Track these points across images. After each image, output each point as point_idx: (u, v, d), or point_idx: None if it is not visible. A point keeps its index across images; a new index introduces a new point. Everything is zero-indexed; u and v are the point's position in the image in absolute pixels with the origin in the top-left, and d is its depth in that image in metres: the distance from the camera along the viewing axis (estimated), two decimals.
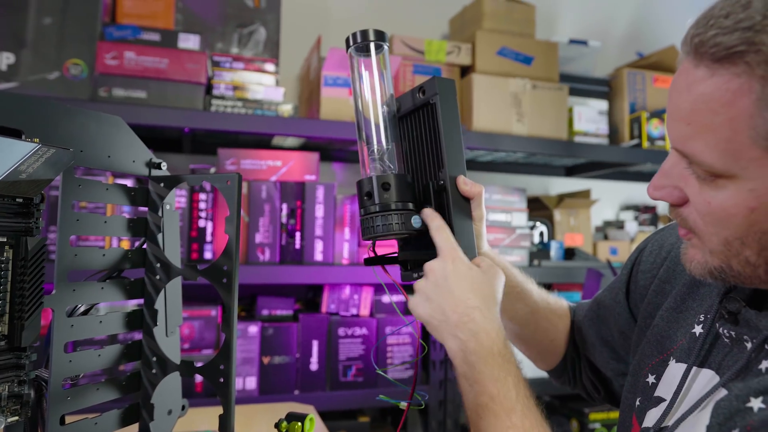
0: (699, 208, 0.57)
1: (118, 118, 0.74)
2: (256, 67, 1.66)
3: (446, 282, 0.69)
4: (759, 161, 0.51)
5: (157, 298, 0.77)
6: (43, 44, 1.45)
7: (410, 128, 0.82)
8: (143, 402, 0.76)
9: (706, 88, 0.52)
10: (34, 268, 0.59)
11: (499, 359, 0.65)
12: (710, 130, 0.53)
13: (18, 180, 0.56)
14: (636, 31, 2.49)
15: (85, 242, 1.44)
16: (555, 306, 0.94)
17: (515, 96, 1.82)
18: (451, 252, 0.70)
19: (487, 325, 0.67)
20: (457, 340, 0.67)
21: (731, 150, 0.52)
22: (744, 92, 0.50)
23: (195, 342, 1.54)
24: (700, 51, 0.52)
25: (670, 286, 0.77)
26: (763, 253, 0.55)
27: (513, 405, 0.63)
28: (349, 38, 0.76)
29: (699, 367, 0.65)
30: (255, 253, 1.59)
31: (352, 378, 1.65)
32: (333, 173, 2.02)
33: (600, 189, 2.33)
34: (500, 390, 0.64)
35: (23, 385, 0.61)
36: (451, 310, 0.68)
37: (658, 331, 0.74)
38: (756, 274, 0.56)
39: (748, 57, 0.49)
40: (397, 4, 2.14)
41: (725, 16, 0.51)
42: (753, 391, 0.54)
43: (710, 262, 0.59)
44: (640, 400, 0.72)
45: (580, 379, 0.93)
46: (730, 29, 0.50)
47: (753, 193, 0.52)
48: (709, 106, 0.52)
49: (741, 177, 0.52)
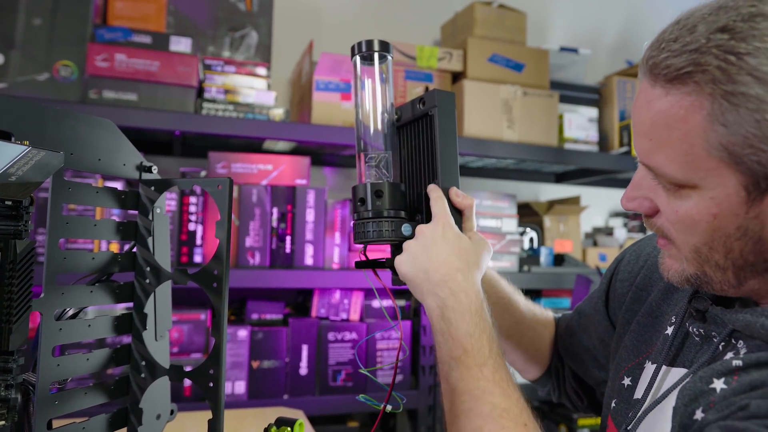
0: (669, 217, 0.60)
1: (108, 121, 0.73)
2: (247, 71, 1.66)
3: (434, 244, 0.72)
4: (716, 171, 0.54)
5: (146, 302, 0.76)
6: (33, 45, 1.44)
7: (408, 137, 0.84)
8: (132, 406, 0.76)
9: (662, 106, 0.56)
10: (22, 271, 0.59)
11: (475, 317, 0.68)
12: (669, 144, 0.56)
13: (7, 183, 0.55)
14: (626, 39, 2.51)
15: (74, 245, 1.43)
16: (541, 317, 0.96)
17: (506, 102, 1.83)
18: (443, 218, 0.74)
19: (467, 285, 0.70)
20: (436, 298, 0.70)
21: (689, 162, 0.55)
22: (696, 109, 0.54)
23: (184, 346, 1.53)
24: (654, 72, 0.57)
25: (646, 293, 0.79)
26: (729, 255, 0.58)
27: (485, 360, 0.66)
28: (354, 47, 0.79)
29: (670, 365, 0.67)
30: (245, 257, 1.58)
31: (341, 383, 1.65)
32: (324, 177, 2.02)
33: (589, 196, 2.35)
34: (474, 345, 0.66)
35: (10, 389, 0.61)
36: (434, 270, 0.71)
37: (635, 336, 0.76)
38: (726, 278, 0.60)
39: (697, 77, 0.53)
40: (389, 10, 2.15)
41: (674, 40, 0.55)
42: (716, 373, 0.57)
43: (687, 270, 0.62)
44: (616, 402, 0.74)
45: (564, 388, 0.95)
46: (678, 52, 0.54)
47: (713, 201, 0.56)
48: (666, 122, 0.56)
49: (701, 186, 0.56)
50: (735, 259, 0.58)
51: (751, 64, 0.51)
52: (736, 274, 0.59)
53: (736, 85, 0.51)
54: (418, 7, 2.19)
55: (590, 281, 1.67)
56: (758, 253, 0.57)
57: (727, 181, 0.54)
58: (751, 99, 0.51)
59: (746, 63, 0.51)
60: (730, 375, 0.56)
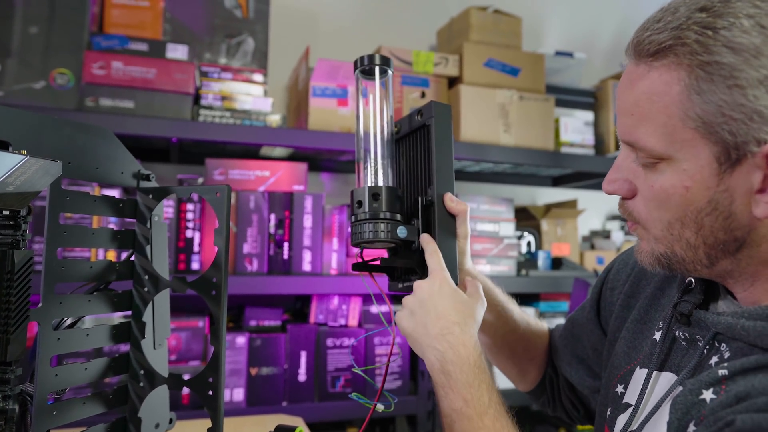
0: (645, 194, 0.63)
1: (106, 130, 0.73)
2: (244, 78, 1.66)
3: (431, 299, 0.74)
4: (691, 142, 0.57)
5: (144, 310, 0.76)
6: (29, 53, 1.44)
7: (407, 148, 0.88)
8: (130, 416, 0.75)
9: (644, 82, 0.59)
10: (20, 281, 0.59)
11: (474, 368, 0.70)
12: (649, 117, 0.59)
13: (5, 192, 0.55)
14: (620, 43, 2.52)
15: (70, 253, 1.42)
16: (535, 327, 0.98)
17: (502, 107, 1.84)
18: (439, 273, 0.76)
19: (465, 338, 0.72)
20: (435, 351, 0.72)
21: (667, 133, 0.58)
22: (674, 81, 0.57)
23: (182, 353, 1.52)
24: (638, 50, 0.60)
25: (634, 300, 0.81)
26: (700, 232, 0.60)
27: (485, 408, 0.68)
28: (356, 61, 0.83)
29: (659, 370, 0.68)
30: (243, 264, 1.58)
31: (340, 389, 1.64)
32: (321, 183, 2.02)
33: (586, 199, 2.35)
34: (474, 395, 0.68)
35: (8, 400, 0.60)
36: (432, 324, 0.73)
37: (625, 343, 0.77)
38: (698, 258, 0.62)
39: (677, 49, 0.57)
40: (386, 16, 2.16)
41: (658, 20, 0.59)
42: (704, 384, 0.59)
43: (656, 249, 0.64)
44: (611, 410, 0.75)
45: (560, 399, 0.96)
46: (661, 29, 0.58)
47: (687, 173, 0.58)
48: (648, 96, 0.59)
49: (676, 159, 0.58)
50: (706, 236, 0.60)
51: (726, 36, 0.54)
52: (707, 252, 0.61)
53: (712, 56, 0.55)
54: (413, 12, 2.19)
55: (588, 285, 1.67)
56: (728, 230, 0.59)
57: (700, 152, 0.57)
58: (725, 67, 0.54)
59: (722, 36, 0.54)
60: (718, 385, 0.58)
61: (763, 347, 0.57)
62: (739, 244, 0.59)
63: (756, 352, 0.58)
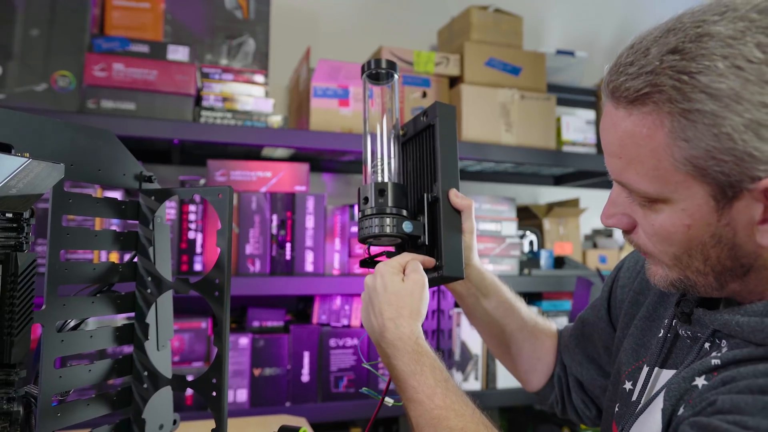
0: (646, 230, 0.63)
1: (108, 131, 0.73)
2: (245, 79, 1.66)
3: (372, 297, 0.78)
4: (684, 183, 0.57)
5: (148, 312, 0.76)
6: (31, 56, 1.44)
7: (413, 149, 0.89)
8: (134, 417, 0.75)
9: (627, 126, 0.59)
10: (24, 284, 0.59)
11: (414, 356, 0.73)
12: (638, 161, 0.59)
13: (8, 195, 0.55)
14: (622, 41, 2.51)
15: (73, 255, 1.43)
16: (543, 325, 0.98)
17: (503, 106, 1.84)
18: (379, 267, 0.79)
19: (399, 332, 0.74)
20: (381, 350, 0.76)
21: (659, 177, 0.58)
22: (658, 126, 0.56)
23: (185, 354, 1.53)
24: (615, 95, 0.59)
25: (643, 297, 0.81)
26: (707, 262, 0.60)
27: (433, 389, 0.70)
28: (363, 66, 0.85)
29: (661, 367, 0.70)
30: (245, 265, 1.58)
31: (343, 389, 1.64)
32: (323, 184, 2.02)
33: (588, 198, 2.35)
34: (419, 380, 0.71)
35: (12, 402, 0.60)
36: (375, 323, 0.77)
37: (634, 340, 0.78)
38: (708, 282, 0.62)
39: (654, 97, 0.55)
40: (386, 16, 2.16)
41: (630, 63, 0.58)
42: (697, 372, 0.61)
43: (670, 276, 0.65)
44: (619, 407, 0.75)
45: (570, 400, 0.95)
46: (635, 75, 0.57)
47: (685, 212, 0.58)
48: (633, 140, 0.58)
49: (673, 199, 0.58)
50: (713, 265, 0.60)
51: (702, 81, 0.53)
52: (716, 278, 0.61)
53: (692, 103, 0.53)
54: (414, 12, 2.19)
55: (591, 283, 1.66)
56: (734, 258, 0.59)
57: (695, 193, 0.57)
58: (707, 115, 0.53)
59: (698, 81, 0.53)
60: (710, 373, 0.59)
61: (755, 342, 0.58)
62: (746, 269, 0.60)
63: (750, 347, 0.59)
